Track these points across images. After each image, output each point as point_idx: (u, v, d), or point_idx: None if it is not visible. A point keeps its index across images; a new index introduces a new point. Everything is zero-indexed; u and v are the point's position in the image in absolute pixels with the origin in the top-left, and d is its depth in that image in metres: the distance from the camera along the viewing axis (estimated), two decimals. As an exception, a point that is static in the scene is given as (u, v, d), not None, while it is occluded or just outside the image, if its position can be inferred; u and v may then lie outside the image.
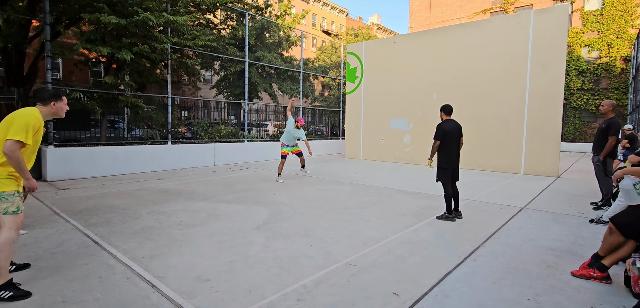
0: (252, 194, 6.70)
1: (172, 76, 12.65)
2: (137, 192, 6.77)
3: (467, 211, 5.47)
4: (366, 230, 4.43)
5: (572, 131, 23.17)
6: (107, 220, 4.80)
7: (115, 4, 8.72)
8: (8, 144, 2.54)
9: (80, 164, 8.47)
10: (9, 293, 2.59)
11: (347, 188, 7.43)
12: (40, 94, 2.90)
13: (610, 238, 3.00)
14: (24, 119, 2.64)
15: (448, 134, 4.83)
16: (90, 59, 11.15)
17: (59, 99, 2.95)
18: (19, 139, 2.57)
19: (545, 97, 9.63)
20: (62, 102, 2.97)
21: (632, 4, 21.21)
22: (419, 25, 30.12)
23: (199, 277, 3.04)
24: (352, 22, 45.95)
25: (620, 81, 21.78)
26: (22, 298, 2.62)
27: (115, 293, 2.76)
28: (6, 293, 2.59)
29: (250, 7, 18.20)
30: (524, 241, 4.11)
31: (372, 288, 2.86)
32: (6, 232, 2.61)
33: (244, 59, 13.98)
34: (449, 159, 4.85)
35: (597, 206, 5.88)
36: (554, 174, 9.54)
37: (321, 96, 26.32)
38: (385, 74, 13.18)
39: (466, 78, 11.04)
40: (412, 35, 13.29)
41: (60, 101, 2.96)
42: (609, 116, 5.67)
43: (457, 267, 3.31)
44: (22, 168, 2.62)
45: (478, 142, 10.87)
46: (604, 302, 2.70)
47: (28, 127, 2.63)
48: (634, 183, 3.01)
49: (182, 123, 14.65)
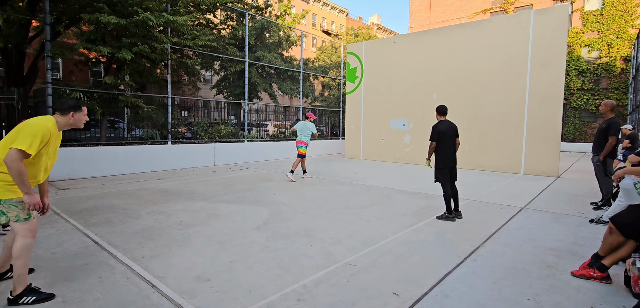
0: (252, 194, 6.70)
1: (172, 76, 12.65)
2: (137, 192, 6.77)
3: (467, 211, 5.47)
4: (366, 230, 4.43)
5: (572, 131, 23.17)
6: (107, 220, 4.80)
7: (115, 4, 8.72)
8: (10, 153, 2.41)
9: (80, 164, 8.47)
10: (33, 298, 2.56)
11: (347, 188, 7.43)
12: (60, 104, 2.78)
13: (610, 238, 3.00)
14: (33, 129, 2.49)
15: (443, 134, 4.87)
16: (90, 59, 11.16)
17: (78, 109, 2.80)
18: (22, 148, 2.41)
19: (545, 97, 9.63)
20: (81, 113, 2.83)
21: (632, 4, 21.21)
22: (419, 25, 30.11)
23: (199, 277, 3.04)
24: (352, 22, 45.95)
25: (620, 81, 21.77)
26: (45, 300, 2.59)
27: (115, 293, 2.76)
28: (29, 298, 2.55)
29: (250, 7, 18.20)
30: (524, 241, 4.11)
31: (372, 288, 2.86)
32: (21, 240, 2.55)
33: (244, 59, 13.98)
34: (445, 160, 4.89)
35: (597, 206, 5.88)
36: (554, 174, 9.54)
37: (321, 96, 26.32)
38: (385, 74, 13.18)
39: (466, 78, 11.04)
40: (412, 35, 13.28)
41: (80, 112, 2.82)
42: (609, 116, 5.66)
43: (457, 267, 3.31)
44: (23, 180, 2.45)
45: (478, 142, 10.87)
46: (604, 302, 2.70)
47: (35, 137, 2.47)
48: (634, 182, 3.01)
49: (182, 123, 14.65)
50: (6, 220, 2.56)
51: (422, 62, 12.08)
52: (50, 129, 2.60)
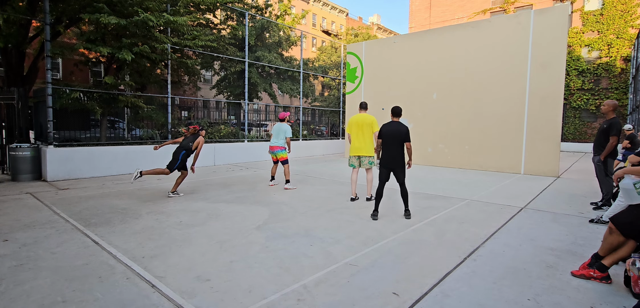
0: (252, 194, 6.70)
1: (172, 76, 12.63)
2: (137, 192, 6.77)
3: (467, 211, 5.47)
4: (366, 230, 4.43)
5: (572, 131, 23.17)
6: (107, 220, 4.80)
7: (115, 4, 8.71)
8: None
9: (81, 164, 8.47)
10: None
11: (347, 188, 7.42)
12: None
13: (610, 238, 3.00)
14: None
15: (384, 135, 4.99)
16: (90, 59, 11.14)
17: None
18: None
19: (545, 97, 9.63)
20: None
21: (632, 4, 21.21)
22: (419, 25, 30.11)
23: (199, 277, 3.04)
24: (352, 22, 45.94)
25: (620, 81, 21.77)
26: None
27: (115, 293, 2.76)
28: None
29: (250, 7, 18.20)
30: (524, 241, 4.11)
31: (372, 288, 2.86)
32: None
33: (244, 59, 13.98)
34: (384, 159, 5.00)
35: (597, 206, 5.88)
36: (554, 174, 9.54)
37: (321, 96, 26.31)
38: (385, 74, 13.18)
39: (466, 78, 11.04)
40: (412, 35, 13.28)
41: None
42: (610, 116, 5.66)
43: (457, 267, 3.31)
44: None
45: (478, 142, 10.87)
46: (604, 302, 2.70)
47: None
48: (634, 182, 3.01)
49: (182, 123, 14.64)
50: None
51: (422, 62, 12.07)
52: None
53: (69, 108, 9.60)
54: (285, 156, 7.38)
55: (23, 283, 2.83)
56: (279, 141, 7.37)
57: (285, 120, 7.52)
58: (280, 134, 7.36)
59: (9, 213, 5.09)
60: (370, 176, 6.20)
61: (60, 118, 9.55)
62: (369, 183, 6.18)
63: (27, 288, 2.77)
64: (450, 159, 11.51)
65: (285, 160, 7.37)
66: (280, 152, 7.36)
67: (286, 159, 7.39)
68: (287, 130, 7.36)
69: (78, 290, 2.79)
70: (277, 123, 7.50)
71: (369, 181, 6.19)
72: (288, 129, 7.37)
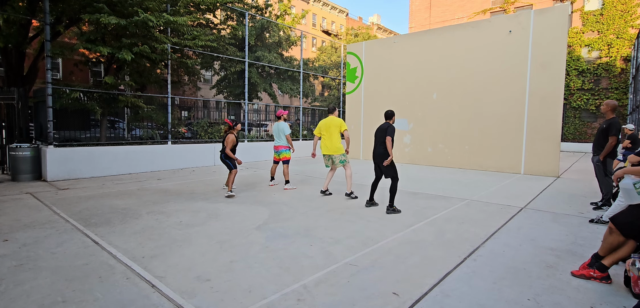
0: (252, 194, 6.70)
1: (172, 76, 12.64)
2: (137, 192, 6.77)
3: (467, 211, 5.47)
4: (366, 230, 4.43)
5: (572, 131, 23.17)
6: (107, 220, 4.80)
7: (115, 4, 8.71)
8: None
9: (80, 164, 8.47)
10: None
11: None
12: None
13: (610, 238, 2.99)
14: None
15: (375, 135, 5.59)
16: (90, 59, 11.14)
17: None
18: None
19: (545, 97, 9.63)
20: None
21: (632, 4, 21.21)
22: (419, 25, 30.11)
23: (199, 277, 3.04)
24: (352, 22, 45.93)
25: (620, 81, 21.77)
26: None
27: (115, 293, 2.76)
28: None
29: (250, 7, 18.20)
30: (524, 241, 4.11)
31: (372, 288, 2.86)
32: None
33: (244, 59, 13.98)
34: (373, 155, 5.67)
35: (597, 206, 5.88)
36: (554, 174, 9.54)
37: (321, 96, 26.31)
38: (385, 74, 13.18)
39: (466, 78, 11.04)
40: (412, 35, 13.29)
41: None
42: (610, 116, 5.65)
43: (457, 267, 3.31)
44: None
45: (478, 142, 10.87)
46: (604, 302, 2.70)
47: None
48: (634, 182, 3.01)
49: (182, 122, 14.64)
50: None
51: (422, 62, 12.07)
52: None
53: (69, 108, 9.61)
54: (289, 156, 7.46)
55: (23, 283, 2.83)
56: (281, 141, 7.43)
57: (281, 118, 7.52)
58: (280, 134, 7.41)
59: (9, 213, 5.09)
60: (349, 172, 6.48)
61: (60, 117, 9.55)
62: (348, 178, 6.44)
63: (27, 288, 2.77)
64: (450, 159, 11.51)
65: (286, 160, 7.44)
66: (284, 151, 7.41)
67: (289, 159, 7.47)
68: (285, 128, 7.37)
69: (78, 290, 2.79)
70: (276, 123, 7.52)
71: (348, 177, 6.45)
72: (286, 127, 7.38)
